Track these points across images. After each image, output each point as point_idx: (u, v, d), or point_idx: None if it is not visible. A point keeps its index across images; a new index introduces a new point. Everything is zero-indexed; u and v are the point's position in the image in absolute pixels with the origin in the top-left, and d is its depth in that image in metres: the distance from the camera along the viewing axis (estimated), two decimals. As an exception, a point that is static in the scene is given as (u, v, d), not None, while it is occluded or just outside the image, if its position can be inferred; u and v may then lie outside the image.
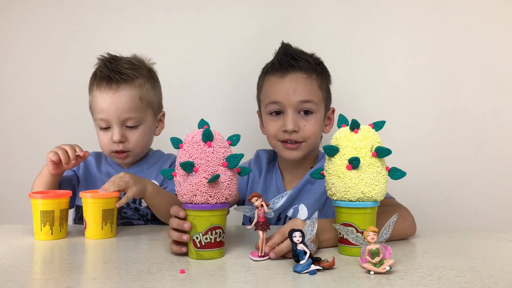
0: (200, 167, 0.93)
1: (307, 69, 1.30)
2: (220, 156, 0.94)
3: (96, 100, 1.36)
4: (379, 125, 1.00)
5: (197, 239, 0.95)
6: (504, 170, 1.64)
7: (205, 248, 0.95)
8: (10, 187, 1.80)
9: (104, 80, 1.34)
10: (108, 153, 1.40)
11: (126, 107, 1.33)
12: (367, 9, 1.69)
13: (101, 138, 1.38)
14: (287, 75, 1.30)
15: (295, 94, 1.28)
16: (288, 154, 1.32)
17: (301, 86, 1.29)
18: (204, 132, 0.94)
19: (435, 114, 1.67)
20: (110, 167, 1.45)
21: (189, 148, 0.95)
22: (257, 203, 0.95)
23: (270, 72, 1.34)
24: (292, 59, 1.30)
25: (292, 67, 1.30)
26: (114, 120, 1.34)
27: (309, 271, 0.84)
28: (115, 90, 1.34)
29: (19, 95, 1.82)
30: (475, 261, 0.94)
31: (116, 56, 1.40)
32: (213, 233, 0.95)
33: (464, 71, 1.66)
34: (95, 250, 1.06)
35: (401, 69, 1.68)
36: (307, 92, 1.29)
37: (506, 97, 1.64)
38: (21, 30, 1.80)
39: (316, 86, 1.31)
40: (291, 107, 1.28)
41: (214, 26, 1.75)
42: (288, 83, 1.29)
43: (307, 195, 1.33)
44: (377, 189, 0.96)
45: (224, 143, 0.96)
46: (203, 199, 0.93)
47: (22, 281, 0.82)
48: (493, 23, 1.64)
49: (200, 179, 0.93)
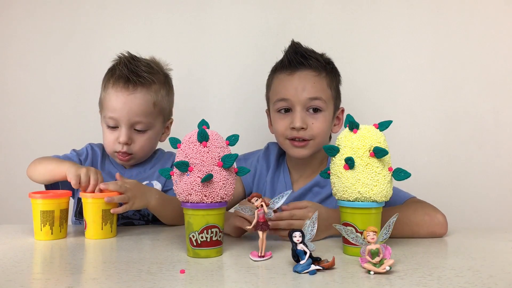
0: (195, 166, 0.95)
1: (316, 67, 1.31)
2: (215, 156, 0.95)
3: (109, 98, 1.34)
4: (384, 125, 1.00)
5: (193, 237, 0.96)
6: (504, 170, 1.64)
7: (201, 247, 0.96)
8: (10, 187, 1.80)
9: (122, 80, 1.33)
10: (110, 152, 1.39)
11: (139, 111, 1.32)
12: (367, 9, 1.69)
13: (107, 136, 1.36)
14: (296, 73, 1.30)
15: (303, 91, 1.28)
16: (296, 152, 1.31)
17: (310, 84, 1.29)
18: (199, 132, 0.95)
19: (435, 114, 1.67)
20: (112, 166, 1.43)
21: (186, 148, 0.96)
22: (257, 203, 0.95)
23: (279, 70, 1.34)
24: (302, 57, 1.31)
25: (302, 65, 1.30)
26: (124, 121, 1.32)
27: (309, 271, 0.84)
28: (131, 92, 1.32)
29: (19, 95, 1.81)
30: (475, 261, 0.94)
31: (135, 57, 1.39)
32: (209, 232, 0.96)
33: (464, 71, 1.66)
34: (95, 250, 1.06)
35: (401, 69, 1.68)
36: (316, 90, 1.29)
37: (506, 97, 1.64)
38: (21, 30, 1.80)
39: (325, 84, 1.31)
40: (299, 104, 1.28)
41: (214, 26, 1.75)
42: (297, 80, 1.29)
43: (313, 197, 1.33)
44: (375, 189, 0.96)
45: (220, 143, 0.97)
46: (198, 198, 0.95)
47: (22, 281, 0.82)
48: (493, 23, 1.64)
49: (195, 178, 0.94)
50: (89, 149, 1.44)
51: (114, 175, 1.37)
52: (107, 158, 1.45)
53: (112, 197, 1.15)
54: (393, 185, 1.00)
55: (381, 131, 1.00)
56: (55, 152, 1.40)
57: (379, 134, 0.99)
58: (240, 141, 1.01)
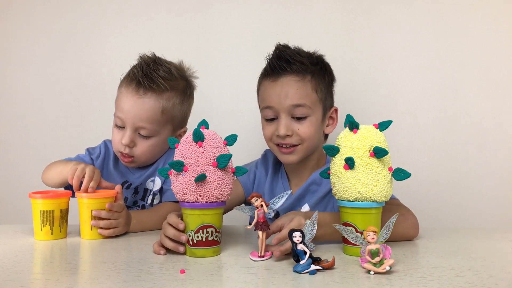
0: (190, 166, 0.95)
1: (299, 72, 1.28)
2: (210, 156, 0.96)
3: (121, 98, 1.34)
4: (384, 125, 1.00)
5: (190, 236, 0.97)
6: (503, 170, 1.64)
7: (197, 246, 0.97)
8: (10, 187, 1.80)
9: (134, 82, 1.32)
10: (116, 151, 1.38)
11: (144, 116, 1.31)
12: (367, 9, 1.69)
13: (114, 134, 1.36)
14: (279, 79, 1.28)
15: (286, 99, 1.26)
16: (284, 158, 1.31)
17: (292, 90, 1.27)
18: (194, 132, 0.96)
19: (435, 114, 1.66)
20: (123, 165, 1.42)
21: (182, 148, 0.97)
22: (256, 203, 0.95)
23: (264, 76, 1.34)
24: (285, 62, 1.29)
25: (284, 71, 1.28)
26: (129, 124, 1.32)
27: (309, 271, 0.84)
28: (140, 96, 1.31)
29: (19, 95, 1.81)
30: (475, 261, 0.94)
31: (156, 60, 1.36)
32: (205, 232, 0.96)
33: (464, 71, 1.66)
34: (95, 250, 1.06)
35: (401, 69, 1.68)
36: (299, 96, 1.27)
37: (506, 97, 1.64)
38: (21, 30, 1.80)
39: (309, 89, 1.28)
40: (283, 112, 1.27)
41: (214, 26, 1.75)
42: (279, 87, 1.28)
43: (311, 195, 1.32)
44: (375, 189, 0.96)
45: (217, 143, 0.97)
46: (193, 198, 0.95)
47: (22, 281, 0.82)
48: (493, 23, 1.64)
49: (189, 178, 0.95)
50: (102, 146, 1.44)
51: (124, 173, 1.40)
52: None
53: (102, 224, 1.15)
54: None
55: (381, 131, 1.00)
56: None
57: (379, 134, 0.99)
58: (238, 141, 1.01)
